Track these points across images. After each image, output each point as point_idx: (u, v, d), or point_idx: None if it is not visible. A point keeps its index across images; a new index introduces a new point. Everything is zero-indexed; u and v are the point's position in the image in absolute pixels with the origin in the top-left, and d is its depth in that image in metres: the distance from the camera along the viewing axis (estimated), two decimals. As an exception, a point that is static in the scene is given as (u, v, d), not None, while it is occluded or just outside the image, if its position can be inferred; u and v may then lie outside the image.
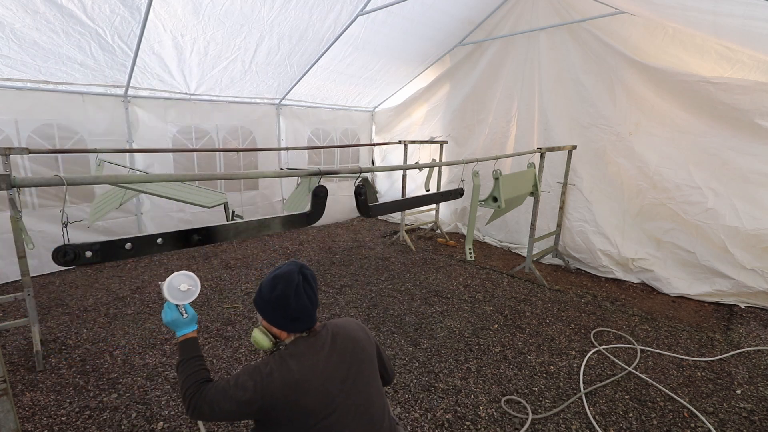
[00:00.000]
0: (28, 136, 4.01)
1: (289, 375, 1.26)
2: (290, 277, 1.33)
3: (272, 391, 1.24)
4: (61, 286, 4.06)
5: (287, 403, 1.24)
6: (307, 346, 1.34)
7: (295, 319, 1.34)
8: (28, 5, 3.11)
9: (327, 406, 1.28)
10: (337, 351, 1.36)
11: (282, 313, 1.33)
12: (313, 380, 1.27)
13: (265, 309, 1.36)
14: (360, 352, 1.40)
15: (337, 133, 6.81)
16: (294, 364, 1.28)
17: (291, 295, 1.32)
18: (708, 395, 2.53)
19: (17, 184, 1.39)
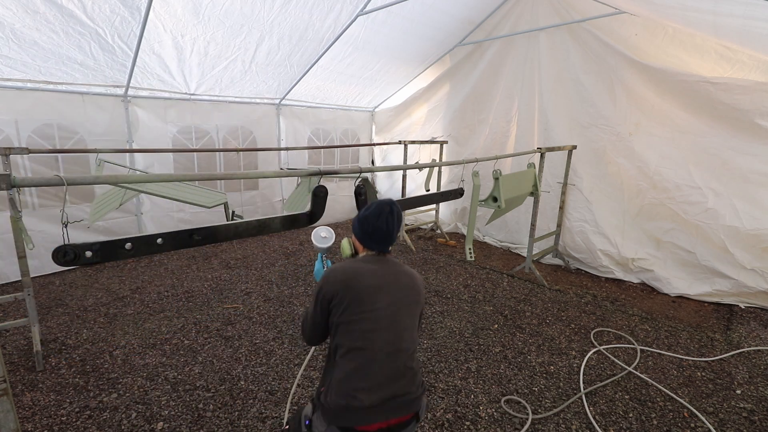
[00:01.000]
0: (28, 136, 4.01)
1: (351, 267, 1.53)
2: (382, 205, 1.63)
3: (334, 275, 1.51)
4: (61, 286, 4.06)
5: (344, 285, 1.48)
6: (373, 260, 1.60)
7: (371, 236, 1.60)
8: (28, 5, 3.11)
9: (372, 305, 1.47)
10: (395, 278, 1.56)
11: (364, 227, 1.62)
12: (368, 279, 1.50)
13: (356, 224, 1.66)
14: (412, 294, 1.58)
15: (337, 133, 6.81)
16: (358, 264, 1.56)
17: (376, 215, 1.60)
18: (708, 395, 2.53)
19: (17, 184, 1.39)
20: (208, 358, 2.85)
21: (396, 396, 1.44)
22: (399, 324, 1.50)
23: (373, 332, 1.45)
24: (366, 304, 1.46)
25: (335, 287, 1.48)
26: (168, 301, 3.74)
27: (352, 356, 1.44)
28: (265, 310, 3.61)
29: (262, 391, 2.52)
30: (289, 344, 3.05)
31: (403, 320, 1.52)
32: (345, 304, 1.45)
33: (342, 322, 1.46)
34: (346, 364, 1.43)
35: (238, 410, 2.35)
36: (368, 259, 1.60)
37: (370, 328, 1.45)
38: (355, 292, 1.47)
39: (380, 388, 1.42)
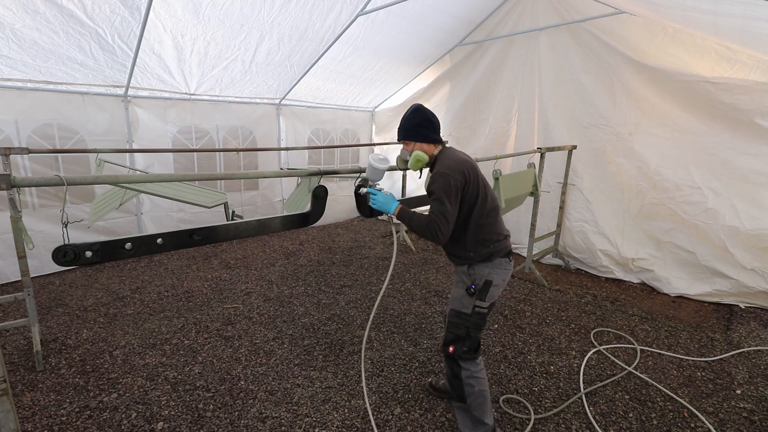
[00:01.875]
0: (28, 136, 4.01)
1: (459, 158, 1.96)
2: (421, 106, 2.06)
3: (459, 170, 1.89)
4: (61, 286, 4.06)
5: (471, 173, 1.93)
6: (452, 150, 2.06)
7: (437, 129, 2.04)
8: (28, 5, 3.11)
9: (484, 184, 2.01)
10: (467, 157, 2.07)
11: (430, 127, 2.02)
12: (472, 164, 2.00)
13: (418, 131, 2.02)
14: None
15: (337, 133, 6.81)
16: (455, 155, 2.00)
17: (429, 114, 2.04)
18: (708, 395, 2.53)
19: (17, 184, 1.40)
20: (208, 358, 2.85)
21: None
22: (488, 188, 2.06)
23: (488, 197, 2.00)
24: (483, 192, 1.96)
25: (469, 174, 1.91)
26: (168, 301, 3.74)
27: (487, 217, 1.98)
28: (265, 310, 3.61)
29: (262, 391, 2.52)
30: (289, 344, 3.05)
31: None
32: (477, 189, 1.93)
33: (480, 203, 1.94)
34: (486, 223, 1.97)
35: (238, 410, 2.35)
36: (451, 150, 2.05)
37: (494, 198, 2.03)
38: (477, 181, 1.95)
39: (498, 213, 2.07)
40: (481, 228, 1.96)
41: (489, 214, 1.97)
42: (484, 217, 1.95)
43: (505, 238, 2.04)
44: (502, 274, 1.99)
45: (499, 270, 1.98)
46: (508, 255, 2.04)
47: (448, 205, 1.84)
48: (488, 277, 1.97)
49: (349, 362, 2.83)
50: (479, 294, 1.96)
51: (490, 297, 1.98)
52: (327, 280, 4.32)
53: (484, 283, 1.97)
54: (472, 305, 1.98)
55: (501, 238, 2.00)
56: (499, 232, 2.01)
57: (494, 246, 1.98)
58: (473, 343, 2.01)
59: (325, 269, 4.67)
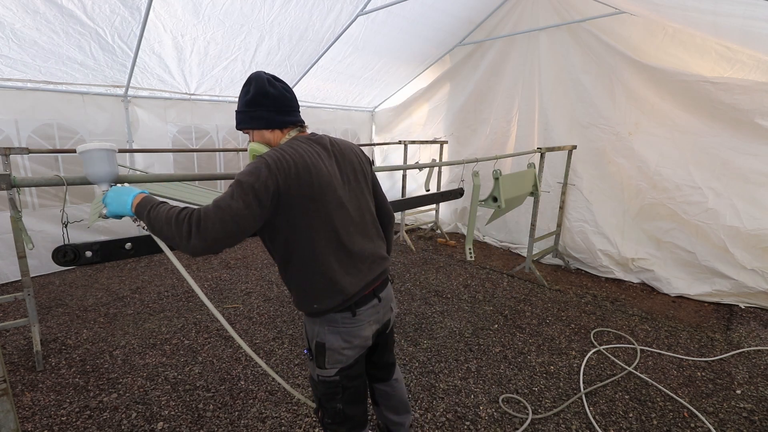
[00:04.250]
0: (28, 136, 4.01)
1: (297, 154, 1.28)
2: (258, 76, 1.37)
3: (287, 166, 1.23)
4: (61, 286, 4.06)
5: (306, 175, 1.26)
6: (307, 141, 1.37)
7: (279, 110, 1.36)
8: (28, 5, 3.11)
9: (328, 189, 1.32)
10: (336, 152, 1.41)
11: (265, 107, 1.34)
12: (318, 164, 1.31)
13: (250, 114, 1.37)
14: (356, 162, 1.46)
15: (337, 133, 6.80)
16: (300, 148, 1.31)
17: (266, 86, 1.34)
18: (708, 395, 2.53)
19: (17, 184, 1.40)
20: (208, 358, 2.85)
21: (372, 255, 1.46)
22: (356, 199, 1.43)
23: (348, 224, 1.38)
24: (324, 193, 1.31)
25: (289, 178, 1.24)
26: (168, 301, 3.74)
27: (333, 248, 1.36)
28: (265, 310, 3.61)
29: (262, 391, 2.52)
30: (289, 344, 3.05)
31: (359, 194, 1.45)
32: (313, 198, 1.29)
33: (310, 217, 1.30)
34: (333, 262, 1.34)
35: (238, 410, 2.35)
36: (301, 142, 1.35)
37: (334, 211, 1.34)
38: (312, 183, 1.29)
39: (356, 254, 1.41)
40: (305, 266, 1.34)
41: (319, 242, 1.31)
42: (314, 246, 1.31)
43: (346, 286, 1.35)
44: (341, 333, 1.40)
45: (335, 328, 1.40)
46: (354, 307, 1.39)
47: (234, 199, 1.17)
48: (318, 338, 1.41)
49: (349, 362, 2.83)
50: (316, 358, 1.43)
51: (331, 364, 1.41)
52: (327, 280, 4.31)
53: (316, 347, 1.42)
54: (314, 370, 1.47)
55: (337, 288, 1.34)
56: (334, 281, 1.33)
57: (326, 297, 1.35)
58: (335, 415, 1.47)
59: (325, 269, 4.66)
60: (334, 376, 1.43)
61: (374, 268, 1.45)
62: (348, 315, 1.39)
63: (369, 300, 1.45)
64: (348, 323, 1.40)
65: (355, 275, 1.38)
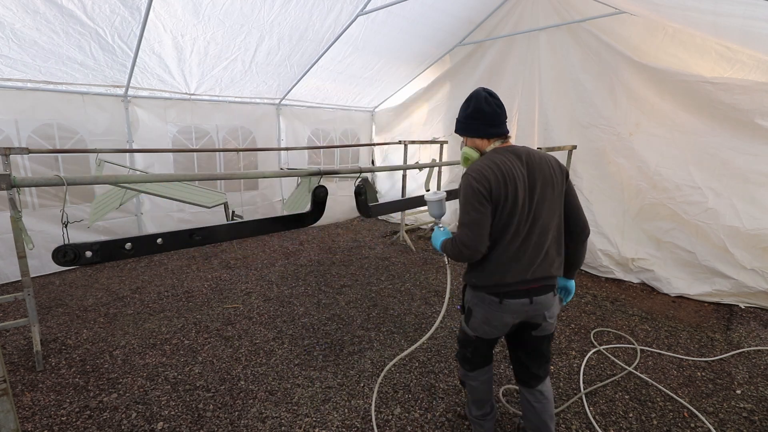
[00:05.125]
0: (28, 136, 4.01)
1: (492, 162, 1.60)
2: (478, 94, 1.71)
3: (486, 175, 1.58)
4: (61, 286, 4.06)
5: (498, 184, 1.57)
6: (505, 151, 1.66)
7: (490, 124, 1.68)
8: (28, 5, 3.11)
9: (516, 196, 1.59)
10: (529, 163, 1.63)
11: (480, 120, 1.68)
12: (511, 168, 1.59)
13: (467, 125, 1.73)
14: (548, 174, 1.65)
15: (337, 133, 6.81)
16: (494, 159, 1.62)
17: (482, 103, 1.68)
18: (708, 395, 2.53)
19: (17, 184, 1.40)
20: (208, 358, 2.85)
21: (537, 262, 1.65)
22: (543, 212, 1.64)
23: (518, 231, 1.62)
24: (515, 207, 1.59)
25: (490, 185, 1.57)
26: (168, 301, 3.74)
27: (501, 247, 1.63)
28: (265, 310, 3.61)
29: (262, 391, 2.52)
30: (289, 344, 3.05)
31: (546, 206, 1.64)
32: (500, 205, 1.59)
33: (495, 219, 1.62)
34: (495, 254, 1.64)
35: (238, 410, 2.35)
36: (500, 152, 1.65)
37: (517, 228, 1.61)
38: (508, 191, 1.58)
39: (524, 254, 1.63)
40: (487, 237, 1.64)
41: (501, 231, 1.62)
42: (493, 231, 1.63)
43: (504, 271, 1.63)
44: (486, 311, 1.71)
45: (482, 305, 1.72)
46: (502, 295, 1.65)
47: (468, 213, 1.59)
48: (469, 304, 1.79)
49: (349, 362, 2.83)
50: (465, 316, 1.84)
51: (473, 327, 1.79)
52: (327, 280, 4.32)
53: (467, 309, 1.80)
54: (462, 322, 1.89)
55: (498, 267, 1.64)
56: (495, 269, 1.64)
57: (483, 278, 1.68)
58: (461, 354, 1.96)
59: (325, 269, 4.67)
60: (473, 335, 1.82)
61: (536, 272, 1.66)
62: (495, 300, 1.67)
63: (520, 296, 1.66)
64: (494, 307, 1.68)
65: (513, 271, 1.63)
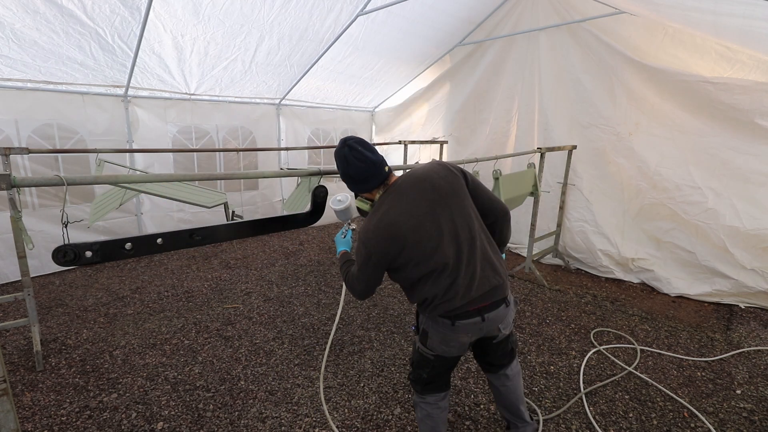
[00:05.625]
0: (28, 136, 4.01)
1: (381, 222, 1.57)
2: (340, 154, 1.65)
3: (376, 241, 1.56)
4: (61, 286, 4.06)
5: (393, 244, 1.56)
6: (389, 197, 1.64)
7: (363, 180, 1.66)
8: (28, 5, 3.11)
9: (424, 239, 1.57)
10: (416, 191, 1.62)
11: (353, 180, 1.67)
12: (402, 218, 1.57)
13: (347, 183, 1.72)
14: (439, 187, 1.63)
15: (337, 133, 6.81)
16: (383, 213, 1.59)
17: (346, 166, 1.65)
18: (708, 395, 2.53)
19: (17, 184, 1.40)
20: (208, 358, 2.85)
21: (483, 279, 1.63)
22: (460, 230, 1.61)
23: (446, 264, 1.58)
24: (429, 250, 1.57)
25: (383, 248, 1.57)
26: (168, 301, 3.74)
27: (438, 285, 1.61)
28: (265, 310, 3.61)
29: (262, 391, 2.52)
30: (289, 344, 3.05)
31: (459, 225, 1.62)
32: (408, 260, 1.59)
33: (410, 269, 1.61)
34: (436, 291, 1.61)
35: (238, 410, 2.35)
36: (384, 201, 1.64)
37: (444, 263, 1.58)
38: (405, 243, 1.56)
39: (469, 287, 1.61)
40: (412, 289, 1.70)
41: (421, 280, 1.64)
42: (415, 282, 1.66)
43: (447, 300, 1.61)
44: (441, 332, 1.70)
45: (437, 326, 1.70)
46: (453, 318, 1.64)
47: (362, 271, 1.64)
48: (424, 326, 1.76)
49: (349, 362, 2.83)
50: (420, 337, 1.79)
51: (432, 347, 1.75)
52: (327, 280, 4.32)
53: (422, 331, 1.78)
54: (417, 342, 1.82)
55: (440, 301, 1.63)
56: (436, 294, 1.63)
57: (431, 306, 1.67)
58: (415, 375, 1.85)
59: (325, 269, 4.67)
60: (431, 355, 1.76)
61: (481, 287, 1.63)
62: (448, 322, 1.65)
63: (471, 316, 1.65)
64: (447, 329, 1.66)
65: (457, 295, 1.60)
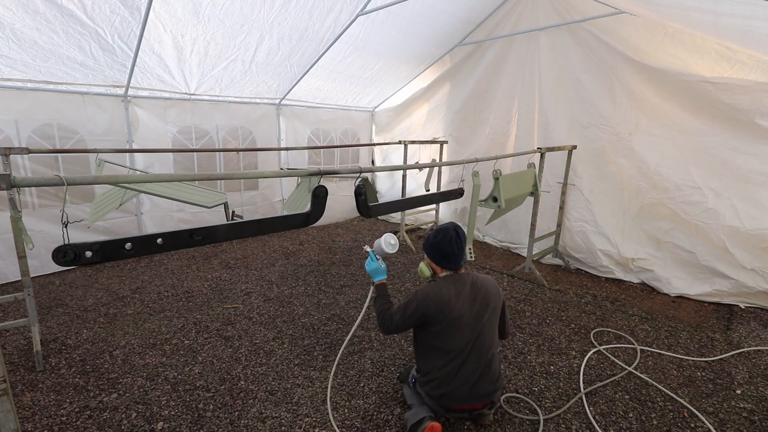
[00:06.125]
0: (28, 136, 4.01)
1: (439, 296, 2.01)
2: (447, 231, 2.11)
3: (428, 303, 2.00)
4: (61, 286, 4.06)
5: (437, 312, 1.99)
6: (453, 281, 2.08)
7: (446, 259, 2.10)
8: (28, 5, 3.11)
9: (458, 320, 2.00)
10: (473, 291, 2.06)
11: (440, 253, 2.10)
12: (453, 301, 2.00)
13: (430, 250, 2.15)
14: (489, 300, 2.07)
15: (337, 133, 6.81)
16: (443, 290, 2.03)
17: (446, 242, 2.08)
18: (708, 395, 2.53)
19: (17, 184, 1.39)
20: (208, 358, 2.85)
21: (480, 391, 2.02)
22: (483, 335, 2.02)
23: (462, 349, 1.99)
24: (453, 322, 1.97)
25: (431, 310, 1.98)
26: (168, 301, 3.74)
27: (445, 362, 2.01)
28: (265, 310, 3.61)
29: (262, 391, 2.52)
30: (289, 344, 3.05)
31: (483, 324, 2.02)
32: (439, 326, 1.99)
33: (434, 335, 2.02)
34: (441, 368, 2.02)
35: (238, 410, 2.35)
36: (449, 282, 2.06)
37: (460, 347, 1.99)
38: (445, 316, 1.97)
39: (467, 384, 2.00)
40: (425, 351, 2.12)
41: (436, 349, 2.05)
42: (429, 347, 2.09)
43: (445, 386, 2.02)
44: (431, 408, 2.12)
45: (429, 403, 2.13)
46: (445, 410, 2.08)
47: (403, 315, 2.05)
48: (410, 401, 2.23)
49: (349, 362, 2.83)
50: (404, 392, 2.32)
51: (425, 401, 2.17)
52: (327, 280, 4.32)
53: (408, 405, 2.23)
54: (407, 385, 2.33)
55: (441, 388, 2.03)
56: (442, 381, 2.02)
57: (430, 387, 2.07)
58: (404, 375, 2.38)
59: (325, 269, 4.67)
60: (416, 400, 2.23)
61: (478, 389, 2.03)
62: (441, 410, 2.10)
63: (461, 413, 2.11)
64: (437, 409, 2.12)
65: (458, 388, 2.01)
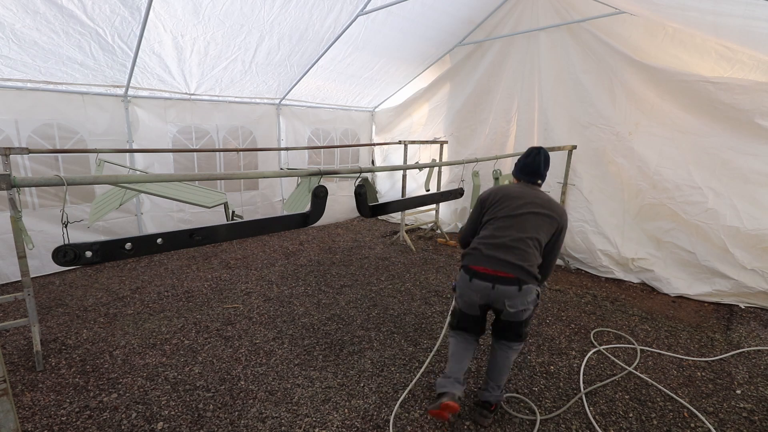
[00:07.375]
0: (28, 136, 4.01)
1: (501, 188, 2.35)
2: (533, 150, 2.37)
3: (488, 194, 2.35)
4: (61, 286, 4.06)
5: (494, 195, 2.31)
6: (522, 185, 2.36)
7: (521, 170, 2.39)
8: (28, 5, 3.11)
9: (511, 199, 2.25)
10: (537, 197, 2.26)
11: (520, 166, 2.40)
12: (514, 193, 2.28)
13: (515, 166, 2.44)
14: (545, 208, 2.22)
15: (337, 133, 6.81)
16: (508, 186, 2.37)
17: (526, 155, 2.38)
18: (708, 395, 2.53)
19: (17, 184, 1.39)
20: (208, 358, 2.85)
21: (506, 259, 2.10)
22: (528, 222, 2.17)
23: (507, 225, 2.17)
24: (506, 206, 2.22)
25: (491, 197, 2.30)
26: (168, 301, 3.74)
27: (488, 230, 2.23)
28: (265, 310, 3.61)
29: (262, 391, 2.52)
30: (289, 344, 3.05)
31: (530, 222, 2.17)
32: (494, 205, 2.26)
33: (488, 211, 2.29)
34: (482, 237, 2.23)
35: (238, 410, 2.35)
36: (514, 185, 2.36)
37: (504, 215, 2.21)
38: (502, 197, 2.27)
39: (497, 249, 2.13)
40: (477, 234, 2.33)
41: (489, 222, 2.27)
42: (482, 223, 2.32)
43: (475, 251, 2.20)
44: (461, 288, 2.25)
45: (461, 282, 2.26)
46: (472, 275, 2.15)
47: (470, 217, 2.41)
48: (456, 282, 2.33)
49: (349, 362, 2.83)
50: (453, 290, 2.38)
51: (456, 299, 2.33)
52: (327, 280, 4.32)
53: (454, 286, 2.34)
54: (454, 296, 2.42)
55: (472, 251, 2.23)
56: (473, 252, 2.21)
57: (465, 258, 2.25)
58: (450, 319, 2.46)
59: (325, 269, 4.67)
60: (456, 305, 2.36)
61: (499, 266, 2.11)
62: (467, 277, 2.18)
63: (486, 280, 2.11)
64: (465, 284, 2.20)
65: (485, 259, 2.15)
